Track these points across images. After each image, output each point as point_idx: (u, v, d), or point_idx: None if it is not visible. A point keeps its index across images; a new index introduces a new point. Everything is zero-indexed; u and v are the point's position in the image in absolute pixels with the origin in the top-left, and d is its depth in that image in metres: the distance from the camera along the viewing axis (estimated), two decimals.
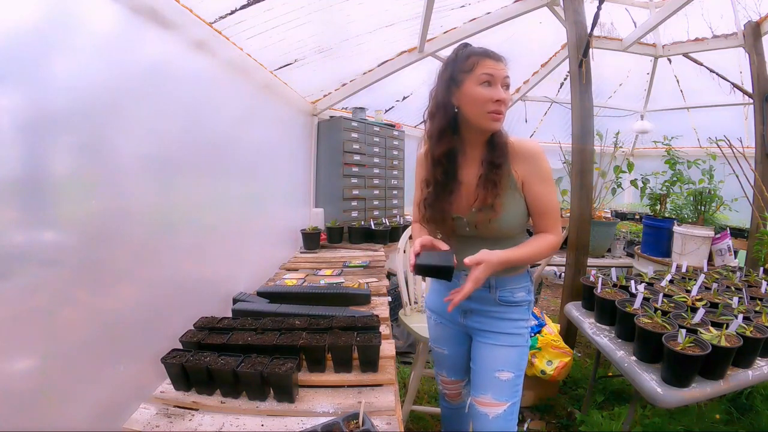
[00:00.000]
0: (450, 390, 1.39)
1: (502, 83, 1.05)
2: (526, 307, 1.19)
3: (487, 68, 1.03)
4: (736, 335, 1.24)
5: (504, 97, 1.04)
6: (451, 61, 1.09)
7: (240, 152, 1.85)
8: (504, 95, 1.05)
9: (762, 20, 2.58)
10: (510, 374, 1.14)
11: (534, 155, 1.10)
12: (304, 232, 2.73)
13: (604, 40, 3.14)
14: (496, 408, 1.13)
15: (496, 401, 1.13)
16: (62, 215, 0.92)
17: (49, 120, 0.87)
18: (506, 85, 1.06)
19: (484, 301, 1.17)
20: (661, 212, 2.72)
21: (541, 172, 1.10)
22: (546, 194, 1.11)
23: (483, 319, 1.18)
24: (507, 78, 1.06)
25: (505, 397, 1.13)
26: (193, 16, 1.45)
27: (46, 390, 0.83)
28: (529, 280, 1.21)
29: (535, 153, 1.11)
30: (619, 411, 1.90)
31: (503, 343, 1.15)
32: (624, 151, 3.33)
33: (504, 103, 1.05)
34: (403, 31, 2.52)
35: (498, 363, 1.14)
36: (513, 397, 1.14)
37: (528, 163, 1.10)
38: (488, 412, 1.13)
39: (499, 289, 1.15)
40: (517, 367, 1.16)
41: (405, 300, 1.97)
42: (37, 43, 0.84)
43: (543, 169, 1.11)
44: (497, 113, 1.04)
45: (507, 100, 1.06)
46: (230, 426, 0.95)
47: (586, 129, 2.21)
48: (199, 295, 1.48)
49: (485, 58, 1.04)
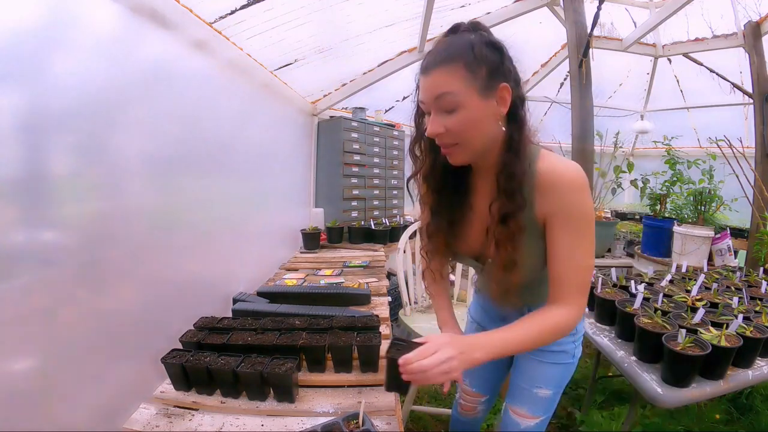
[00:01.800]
0: (466, 401, 1.28)
1: (435, 108, 0.73)
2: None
3: (420, 90, 0.76)
4: (736, 335, 1.23)
5: (430, 132, 0.74)
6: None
7: (240, 152, 1.85)
8: (432, 128, 0.74)
9: (762, 20, 2.58)
10: (549, 392, 1.06)
11: (560, 186, 0.76)
12: (304, 232, 2.73)
13: (604, 40, 3.14)
14: (529, 420, 1.09)
15: (530, 414, 1.08)
16: (62, 215, 0.92)
17: (49, 120, 0.87)
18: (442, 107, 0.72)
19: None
20: (661, 212, 2.71)
21: (570, 215, 0.76)
22: (570, 248, 0.78)
23: None
24: (443, 97, 0.71)
25: (541, 412, 1.08)
26: (193, 16, 1.45)
27: (46, 390, 0.83)
28: None
29: (562, 184, 0.76)
30: (619, 411, 1.90)
31: (546, 360, 1.05)
32: (624, 151, 3.33)
33: (446, 133, 0.74)
34: (403, 31, 2.52)
35: (539, 380, 1.06)
36: (547, 411, 1.09)
37: (555, 197, 0.77)
38: (520, 422, 1.09)
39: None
40: (558, 384, 1.07)
41: (405, 300, 1.97)
42: (38, 42, 0.84)
43: (575, 209, 0.76)
44: (444, 147, 0.77)
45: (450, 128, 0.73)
46: (230, 426, 0.95)
47: (586, 129, 2.21)
48: (199, 295, 1.48)
49: (420, 75, 0.76)
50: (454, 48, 0.72)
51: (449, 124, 0.73)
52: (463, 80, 0.70)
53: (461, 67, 0.70)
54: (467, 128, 0.73)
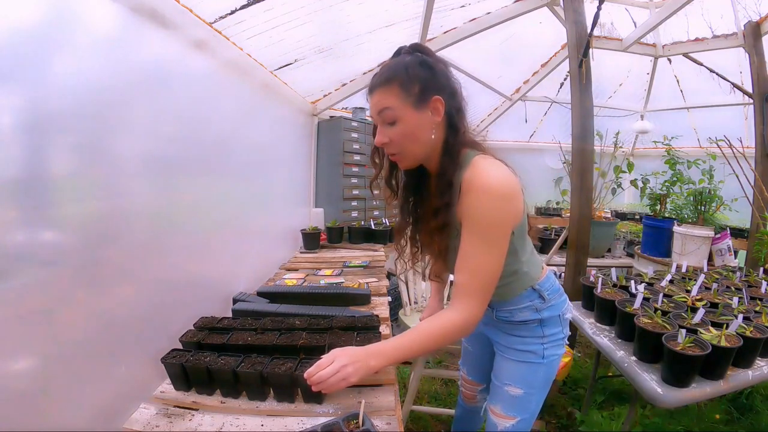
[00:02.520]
0: (466, 389, 1.39)
1: (380, 121, 0.87)
2: (536, 326, 1.06)
3: (369, 109, 0.89)
4: (736, 335, 1.24)
5: (377, 142, 0.88)
6: None
7: (240, 152, 1.85)
8: (379, 139, 0.88)
9: (762, 20, 2.58)
10: (519, 390, 1.08)
11: (473, 189, 0.82)
12: (304, 232, 2.73)
13: (604, 40, 3.14)
14: (504, 420, 1.10)
15: (504, 414, 1.10)
16: (62, 215, 0.92)
17: (49, 120, 0.87)
18: (385, 120, 0.85)
19: (488, 317, 1.13)
20: (661, 212, 2.72)
21: (471, 213, 0.83)
22: (468, 247, 0.84)
23: (495, 330, 1.16)
24: (384, 112, 0.84)
25: (514, 412, 1.10)
26: (193, 16, 1.45)
27: (46, 390, 0.83)
28: (536, 297, 1.05)
29: (474, 186, 0.82)
30: (619, 411, 1.90)
31: (513, 358, 1.10)
32: (624, 151, 3.33)
33: (390, 143, 0.87)
34: (403, 31, 2.51)
35: (506, 377, 1.11)
36: (522, 413, 1.10)
37: (465, 198, 0.84)
38: (498, 422, 1.12)
39: (496, 310, 1.10)
40: (527, 384, 1.08)
41: (405, 300, 1.97)
42: (37, 42, 0.84)
43: (478, 209, 0.82)
44: (391, 156, 0.91)
45: (392, 138, 0.86)
46: (230, 426, 0.95)
47: (586, 129, 2.21)
48: (199, 295, 1.47)
49: (368, 95, 0.89)
50: (391, 70, 0.85)
51: (391, 135, 0.86)
52: (398, 97, 0.83)
53: (396, 86, 0.84)
54: (405, 137, 0.86)
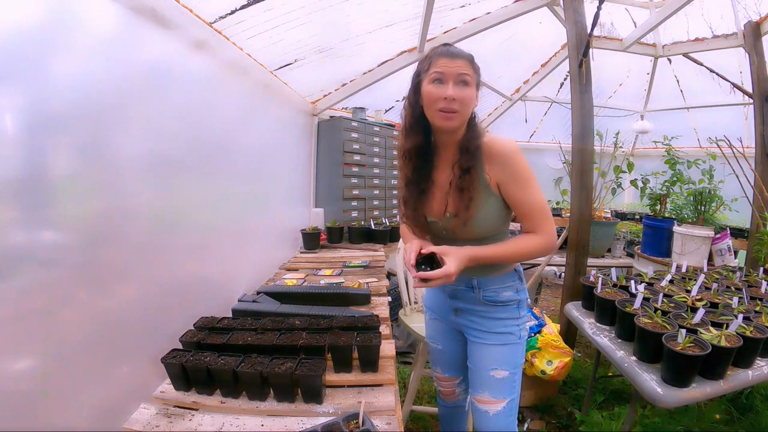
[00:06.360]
0: (445, 387, 1.40)
1: (455, 80, 1.00)
2: (515, 307, 1.17)
3: (439, 66, 1.00)
4: (736, 335, 1.24)
5: (451, 94, 0.99)
6: (420, 60, 1.09)
7: (240, 152, 1.85)
8: (452, 92, 0.99)
9: (762, 20, 2.58)
10: (505, 372, 1.14)
11: (505, 156, 1.04)
12: (304, 232, 2.73)
13: (604, 40, 3.14)
14: (495, 405, 1.14)
15: (494, 399, 1.14)
16: (62, 215, 0.92)
17: (49, 120, 0.87)
18: (462, 81, 1.00)
19: (470, 300, 1.18)
20: (661, 212, 2.72)
21: (515, 175, 1.05)
22: (524, 196, 1.06)
23: (473, 317, 1.19)
24: (463, 75, 1.00)
25: (503, 394, 1.14)
26: (193, 16, 1.45)
27: (46, 390, 0.83)
28: (517, 278, 1.19)
29: (506, 153, 1.04)
30: (619, 411, 1.90)
31: (494, 342, 1.15)
32: (624, 151, 3.32)
33: (457, 101, 0.99)
34: (403, 31, 2.51)
35: (491, 362, 1.15)
36: (511, 393, 1.15)
37: (500, 164, 1.05)
38: (488, 409, 1.15)
39: (482, 289, 1.15)
40: (512, 364, 1.16)
41: (405, 300, 1.97)
42: (37, 43, 0.84)
43: (517, 170, 1.05)
44: (447, 111, 1.00)
45: (462, 97, 1.00)
46: (230, 426, 0.95)
47: (586, 129, 2.21)
48: (199, 295, 1.47)
49: (440, 57, 1.02)
50: (470, 56, 1.05)
51: (462, 95, 1.00)
52: (472, 75, 1.03)
53: (472, 66, 1.04)
54: (470, 100, 1.03)
